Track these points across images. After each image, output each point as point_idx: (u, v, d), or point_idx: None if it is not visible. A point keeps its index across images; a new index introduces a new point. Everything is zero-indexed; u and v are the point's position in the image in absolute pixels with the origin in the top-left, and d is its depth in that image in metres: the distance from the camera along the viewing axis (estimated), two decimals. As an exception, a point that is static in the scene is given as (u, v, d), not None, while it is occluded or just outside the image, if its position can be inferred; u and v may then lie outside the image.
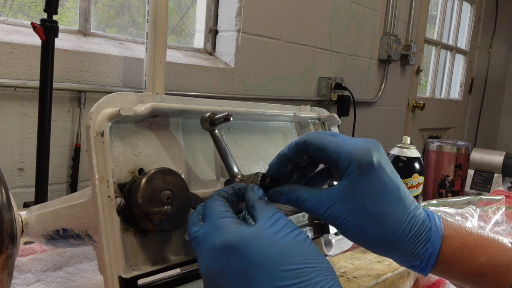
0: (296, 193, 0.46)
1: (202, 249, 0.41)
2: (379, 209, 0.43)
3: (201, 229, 0.42)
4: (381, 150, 0.45)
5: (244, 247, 0.39)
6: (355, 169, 0.43)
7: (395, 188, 0.44)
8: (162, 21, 1.51)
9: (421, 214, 0.44)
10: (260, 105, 0.62)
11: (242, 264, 0.38)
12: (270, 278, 0.37)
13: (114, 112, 0.43)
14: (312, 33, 2.39)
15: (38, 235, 0.56)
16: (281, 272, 0.37)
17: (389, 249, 0.44)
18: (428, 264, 0.43)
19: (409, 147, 0.96)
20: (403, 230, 0.43)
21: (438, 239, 0.43)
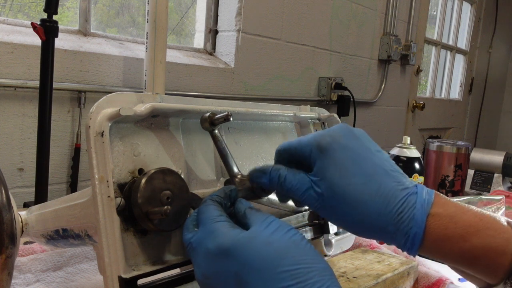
0: (279, 172, 0.46)
1: (197, 254, 0.41)
2: (348, 188, 0.42)
3: (196, 235, 0.42)
4: (347, 131, 0.45)
5: (238, 250, 0.38)
6: (316, 152, 0.44)
7: (365, 165, 0.43)
8: (162, 21, 1.51)
9: (405, 190, 0.42)
10: (260, 105, 0.62)
11: (238, 268, 0.38)
12: (266, 280, 0.37)
13: (114, 112, 0.43)
14: (312, 33, 2.39)
15: (38, 235, 0.56)
16: (277, 274, 0.37)
17: (370, 230, 0.42)
18: (414, 243, 0.41)
19: (409, 147, 0.96)
20: (379, 207, 0.41)
21: (422, 217, 0.41)
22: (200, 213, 0.43)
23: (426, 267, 0.76)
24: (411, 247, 0.41)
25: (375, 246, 0.82)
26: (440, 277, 0.72)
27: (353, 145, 0.44)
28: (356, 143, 0.44)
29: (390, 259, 0.73)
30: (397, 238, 0.41)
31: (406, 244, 0.41)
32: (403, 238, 0.41)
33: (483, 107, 4.93)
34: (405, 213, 0.41)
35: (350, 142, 0.44)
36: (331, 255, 0.69)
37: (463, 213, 0.41)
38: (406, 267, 0.70)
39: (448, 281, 0.72)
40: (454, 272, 0.80)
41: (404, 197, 0.41)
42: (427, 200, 0.42)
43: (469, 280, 0.45)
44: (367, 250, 0.78)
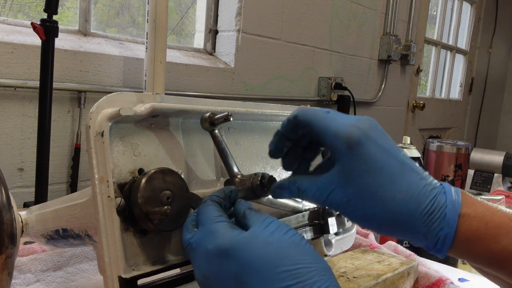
0: (296, 184, 0.45)
1: (197, 255, 0.40)
2: (379, 188, 0.40)
3: (195, 235, 0.42)
4: (374, 125, 0.43)
5: (238, 251, 0.38)
6: (344, 149, 0.41)
7: (395, 163, 0.41)
8: (162, 21, 1.51)
9: (434, 189, 0.40)
10: (260, 105, 0.62)
11: (237, 268, 0.38)
12: (266, 281, 0.36)
13: (114, 112, 0.43)
14: (312, 33, 2.39)
15: (38, 235, 0.56)
16: (276, 274, 0.36)
17: (399, 230, 0.41)
18: (444, 245, 0.40)
19: (409, 147, 0.96)
20: (410, 207, 0.40)
21: (454, 218, 0.39)
22: (200, 214, 0.43)
23: (426, 267, 0.76)
24: (441, 248, 0.40)
25: (375, 246, 0.82)
26: (440, 277, 0.72)
27: (381, 141, 0.42)
28: (383, 139, 0.42)
29: (390, 259, 0.73)
30: (427, 238, 0.40)
31: (437, 245, 0.40)
32: (434, 239, 0.40)
33: (483, 107, 4.93)
34: (436, 214, 0.40)
35: (379, 138, 0.42)
36: (331, 255, 0.69)
37: (493, 213, 0.40)
38: (406, 267, 0.70)
39: (448, 281, 0.72)
40: (454, 272, 0.80)
41: (435, 197, 0.40)
42: (457, 200, 0.40)
43: (494, 282, 0.44)
44: (367, 250, 0.78)
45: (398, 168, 0.41)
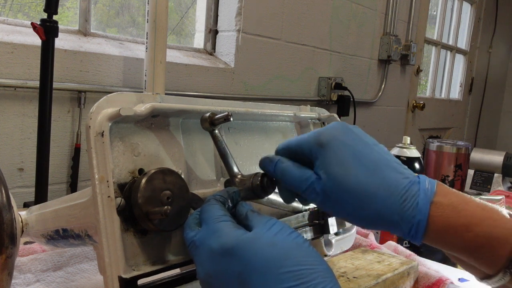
0: (283, 164, 0.47)
1: (200, 253, 0.41)
2: (353, 180, 0.42)
3: (199, 233, 0.42)
4: (344, 127, 0.46)
5: (242, 250, 0.39)
6: (317, 149, 0.44)
7: (367, 155, 0.43)
8: (162, 21, 1.51)
9: (406, 179, 0.43)
10: (260, 105, 0.62)
11: (241, 268, 0.38)
12: (269, 281, 0.37)
13: (114, 112, 0.43)
14: (312, 33, 2.39)
15: (38, 235, 0.56)
16: (280, 275, 0.37)
17: (376, 220, 0.43)
18: (418, 231, 0.42)
19: (409, 147, 0.96)
20: (383, 197, 0.42)
21: (426, 205, 0.41)
22: (204, 212, 0.44)
23: (426, 267, 0.76)
24: (415, 234, 0.42)
25: (375, 246, 0.82)
26: (440, 277, 0.72)
27: (352, 140, 0.45)
28: (355, 138, 0.45)
29: (390, 259, 0.73)
30: (401, 226, 0.42)
31: (410, 232, 0.42)
32: (407, 226, 0.42)
33: (483, 107, 4.93)
34: (409, 202, 0.42)
35: (349, 137, 0.45)
36: (331, 255, 0.69)
37: (466, 203, 0.42)
38: (406, 267, 0.70)
39: (448, 281, 0.72)
40: (454, 272, 0.80)
41: (407, 186, 0.42)
42: (430, 189, 0.42)
43: (468, 271, 0.45)
44: (367, 250, 0.78)
45: (370, 163, 0.43)
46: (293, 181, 0.46)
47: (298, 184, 0.45)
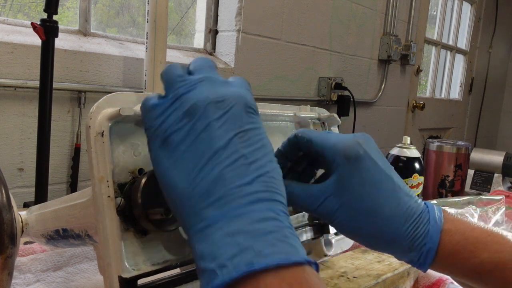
0: (288, 188, 0.45)
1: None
2: (372, 201, 0.42)
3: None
4: (371, 142, 0.45)
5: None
6: (342, 161, 0.43)
7: (388, 179, 0.43)
8: (162, 21, 1.51)
9: (419, 206, 0.43)
10: (260, 105, 0.62)
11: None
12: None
13: (114, 112, 0.43)
14: (312, 33, 2.39)
15: (38, 235, 0.56)
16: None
17: (385, 244, 0.43)
18: (427, 259, 0.42)
19: (409, 147, 0.96)
20: (399, 222, 0.42)
21: (436, 233, 0.42)
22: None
23: (426, 267, 0.76)
24: (423, 262, 0.42)
25: (375, 246, 0.82)
26: (440, 277, 0.72)
27: (376, 157, 0.44)
28: (379, 156, 0.44)
29: (390, 259, 0.73)
30: (410, 253, 0.42)
31: (419, 260, 0.42)
32: (417, 254, 0.42)
33: (483, 107, 4.93)
34: (420, 229, 0.42)
35: (374, 154, 0.44)
36: (331, 255, 0.69)
37: (472, 229, 0.43)
38: (406, 267, 0.70)
39: (448, 281, 0.72)
40: (454, 272, 0.80)
41: (420, 214, 0.42)
42: (439, 217, 0.43)
43: None
44: (367, 250, 0.78)
45: (390, 184, 0.43)
46: (302, 206, 0.45)
47: (308, 206, 0.44)
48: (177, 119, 0.36)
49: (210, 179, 0.34)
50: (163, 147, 0.36)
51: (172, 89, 0.38)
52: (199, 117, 0.36)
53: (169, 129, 0.36)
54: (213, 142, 0.35)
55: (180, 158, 0.35)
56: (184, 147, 0.36)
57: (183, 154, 0.35)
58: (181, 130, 0.36)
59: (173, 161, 0.36)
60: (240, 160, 0.35)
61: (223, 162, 0.34)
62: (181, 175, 0.35)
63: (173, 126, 0.36)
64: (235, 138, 0.36)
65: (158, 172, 0.37)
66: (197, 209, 0.34)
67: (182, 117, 0.36)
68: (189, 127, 0.36)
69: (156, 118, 0.37)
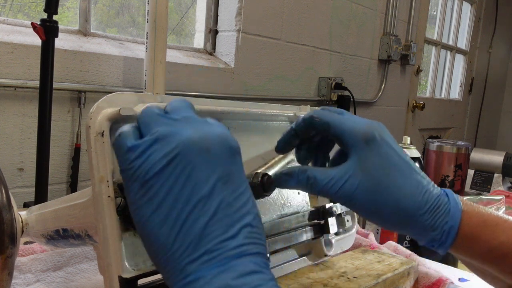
0: (306, 173, 0.45)
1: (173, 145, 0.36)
2: (393, 182, 0.42)
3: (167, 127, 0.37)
4: (386, 130, 0.46)
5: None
6: (361, 144, 0.44)
7: (406, 162, 0.44)
8: (162, 21, 1.51)
9: (436, 189, 0.44)
10: (260, 105, 0.62)
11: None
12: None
13: (114, 112, 0.43)
14: (312, 33, 2.39)
15: (38, 235, 0.56)
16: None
17: (407, 223, 0.43)
18: (448, 237, 0.43)
19: (409, 147, 0.96)
20: (420, 202, 0.42)
21: (458, 213, 0.43)
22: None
23: (426, 267, 0.76)
24: (444, 241, 0.43)
25: (375, 246, 0.82)
26: (440, 277, 0.72)
27: (392, 142, 0.45)
28: (395, 143, 0.45)
29: (390, 259, 0.73)
30: (432, 232, 0.43)
31: (441, 238, 0.43)
32: (439, 232, 0.43)
33: (483, 107, 4.93)
34: (441, 209, 0.43)
35: (391, 140, 0.45)
36: (331, 255, 0.69)
37: (489, 214, 0.44)
38: (406, 267, 0.70)
39: (448, 281, 0.72)
40: (454, 272, 0.80)
41: (439, 196, 0.44)
42: (458, 200, 0.44)
43: (488, 282, 0.46)
44: (367, 250, 0.78)
45: (407, 167, 0.44)
46: (321, 189, 0.44)
47: (328, 189, 0.44)
48: (157, 161, 0.35)
49: (194, 232, 0.33)
50: (143, 191, 0.35)
51: (151, 128, 0.37)
52: (180, 160, 0.34)
53: (149, 172, 0.35)
54: (196, 188, 0.34)
55: (161, 205, 0.34)
56: (165, 193, 0.34)
57: (164, 201, 0.34)
58: (162, 173, 0.34)
59: (153, 208, 0.34)
60: (224, 210, 0.34)
61: (207, 213, 0.33)
62: (163, 225, 0.34)
63: (153, 169, 0.35)
64: (218, 184, 0.35)
65: (138, 220, 0.35)
66: (182, 264, 0.33)
67: (162, 159, 0.35)
68: (171, 171, 0.34)
69: (135, 159, 0.36)
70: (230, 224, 0.33)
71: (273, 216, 0.60)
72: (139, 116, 0.39)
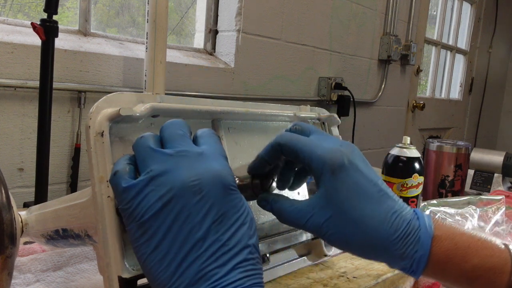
0: (277, 204, 0.46)
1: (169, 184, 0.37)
2: (359, 213, 0.42)
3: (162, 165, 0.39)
4: (356, 152, 0.45)
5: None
6: (328, 174, 0.43)
7: (374, 189, 0.43)
8: (162, 21, 1.51)
9: (408, 214, 0.43)
10: (260, 105, 0.62)
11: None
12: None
13: (114, 112, 0.43)
14: (312, 33, 2.39)
15: (38, 235, 0.56)
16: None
17: (377, 253, 0.43)
18: (419, 266, 0.42)
19: (409, 147, 0.96)
20: (388, 231, 0.42)
21: (428, 240, 0.42)
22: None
23: (426, 267, 0.75)
24: (416, 269, 0.42)
25: (375, 246, 0.82)
26: (440, 277, 0.72)
27: (362, 167, 0.44)
28: (364, 165, 0.44)
29: (390, 259, 0.73)
30: (402, 261, 0.42)
31: (412, 267, 0.42)
32: (409, 261, 0.42)
33: (483, 107, 4.93)
34: (411, 237, 0.42)
35: (360, 164, 0.44)
36: (331, 255, 0.69)
37: (461, 235, 0.43)
38: (406, 267, 0.70)
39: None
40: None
41: (409, 222, 0.42)
42: (429, 223, 0.43)
43: None
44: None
45: (377, 194, 0.43)
46: (290, 221, 0.45)
47: (295, 222, 0.44)
48: (152, 204, 0.36)
49: (191, 273, 0.35)
50: (140, 231, 0.36)
51: (145, 166, 0.38)
52: (175, 205, 0.36)
53: (145, 214, 0.36)
54: (192, 232, 0.36)
55: (159, 246, 0.36)
56: (161, 235, 0.36)
57: (161, 242, 0.36)
58: (157, 217, 0.36)
59: (152, 248, 0.36)
60: (220, 249, 0.35)
61: (203, 255, 0.35)
62: (161, 265, 0.36)
63: (149, 212, 0.36)
64: (213, 226, 0.36)
65: (139, 257, 0.37)
66: None
67: (158, 202, 0.36)
68: (166, 214, 0.36)
69: (131, 200, 0.37)
70: (225, 261, 0.35)
71: (273, 216, 0.60)
72: (135, 146, 0.40)
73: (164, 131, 0.41)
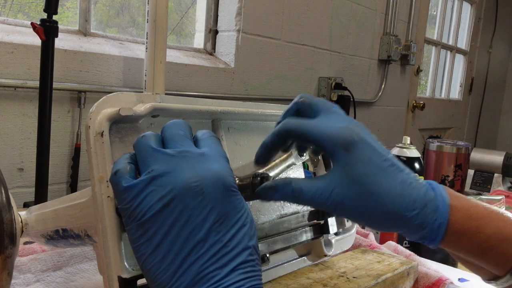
0: (291, 186, 0.44)
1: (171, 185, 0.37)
2: (379, 188, 0.42)
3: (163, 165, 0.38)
4: (364, 129, 0.45)
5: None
6: (341, 151, 0.43)
7: (387, 163, 0.43)
8: (162, 21, 1.51)
9: (422, 185, 0.44)
10: (260, 105, 0.62)
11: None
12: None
13: (114, 112, 0.43)
14: (312, 33, 2.39)
15: (38, 235, 0.56)
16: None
17: (397, 224, 0.43)
18: (438, 234, 0.42)
19: (409, 147, 0.96)
20: (407, 203, 0.42)
21: (445, 209, 0.42)
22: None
23: (426, 267, 0.76)
24: (435, 238, 0.43)
25: (375, 246, 0.82)
26: (440, 277, 0.72)
27: (373, 142, 0.44)
28: (374, 141, 0.45)
29: (390, 259, 0.73)
30: (423, 230, 0.43)
31: (431, 236, 0.43)
32: (429, 230, 0.42)
33: (483, 107, 4.93)
34: (429, 207, 0.42)
35: (371, 140, 0.44)
36: (331, 255, 0.69)
37: (475, 206, 0.43)
38: (406, 267, 0.70)
39: (448, 281, 0.72)
40: (454, 272, 0.80)
41: (426, 192, 0.43)
42: (445, 194, 0.44)
43: (473, 272, 0.46)
44: (367, 250, 0.78)
45: (391, 167, 0.43)
46: (309, 200, 0.44)
47: (316, 200, 0.43)
48: (153, 204, 0.36)
49: (191, 274, 0.35)
50: (140, 231, 0.36)
51: (146, 166, 0.38)
52: (176, 205, 0.36)
53: (146, 214, 0.36)
54: (193, 233, 0.35)
55: (159, 246, 0.36)
56: (162, 236, 0.36)
57: (162, 243, 0.36)
58: (158, 217, 0.36)
59: (152, 248, 0.36)
60: (220, 251, 0.35)
61: (204, 256, 0.35)
62: (162, 265, 0.35)
63: (149, 212, 0.36)
64: (214, 227, 0.36)
65: (138, 257, 0.37)
66: None
67: (158, 203, 0.36)
68: (166, 215, 0.36)
69: (131, 200, 0.37)
70: (225, 263, 0.35)
71: (273, 216, 0.60)
72: (136, 145, 0.40)
73: (165, 131, 0.41)
